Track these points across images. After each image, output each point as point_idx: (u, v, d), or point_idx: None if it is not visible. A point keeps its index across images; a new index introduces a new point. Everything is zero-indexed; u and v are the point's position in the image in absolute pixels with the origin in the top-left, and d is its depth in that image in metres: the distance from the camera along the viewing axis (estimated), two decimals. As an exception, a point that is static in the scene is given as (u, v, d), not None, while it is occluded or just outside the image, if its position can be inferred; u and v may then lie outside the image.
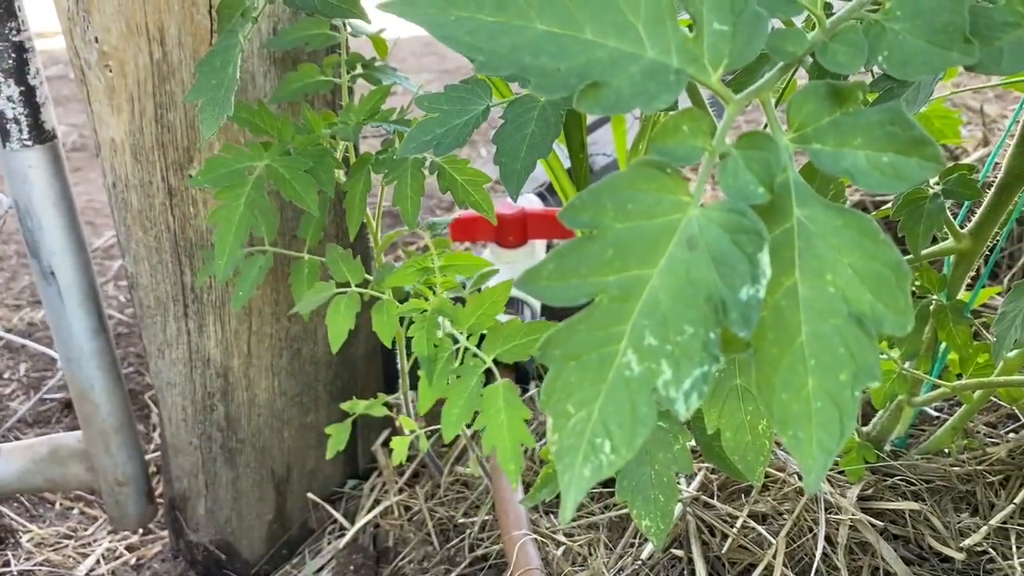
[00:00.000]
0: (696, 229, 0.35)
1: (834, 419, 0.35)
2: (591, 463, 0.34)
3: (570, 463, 0.34)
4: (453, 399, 0.65)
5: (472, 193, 0.71)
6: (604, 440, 0.34)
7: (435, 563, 0.90)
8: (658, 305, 0.34)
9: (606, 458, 0.34)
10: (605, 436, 0.34)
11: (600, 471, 0.34)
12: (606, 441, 0.34)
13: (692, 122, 0.37)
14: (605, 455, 0.34)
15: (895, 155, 0.36)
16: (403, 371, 0.92)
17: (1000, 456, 0.82)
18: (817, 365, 0.36)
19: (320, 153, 0.72)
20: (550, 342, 0.35)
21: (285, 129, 0.73)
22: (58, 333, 0.97)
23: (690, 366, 0.34)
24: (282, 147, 0.72)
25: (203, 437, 0.98)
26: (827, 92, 0.38)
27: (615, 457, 0.34)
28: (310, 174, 0.70)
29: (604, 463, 0.34)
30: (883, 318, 0.35)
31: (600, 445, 0.34)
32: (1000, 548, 0.74)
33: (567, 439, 0.35)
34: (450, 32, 0.38)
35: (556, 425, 0.35)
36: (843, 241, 0.36)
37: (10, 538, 1.17)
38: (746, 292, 0.34)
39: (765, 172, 0.36)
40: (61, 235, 0.92)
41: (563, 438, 0.35)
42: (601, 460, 0.34)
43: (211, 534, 1.06)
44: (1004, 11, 0.42)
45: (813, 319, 0.36)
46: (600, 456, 0.34)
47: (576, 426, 0.35)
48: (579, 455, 0.34)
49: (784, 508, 0.79)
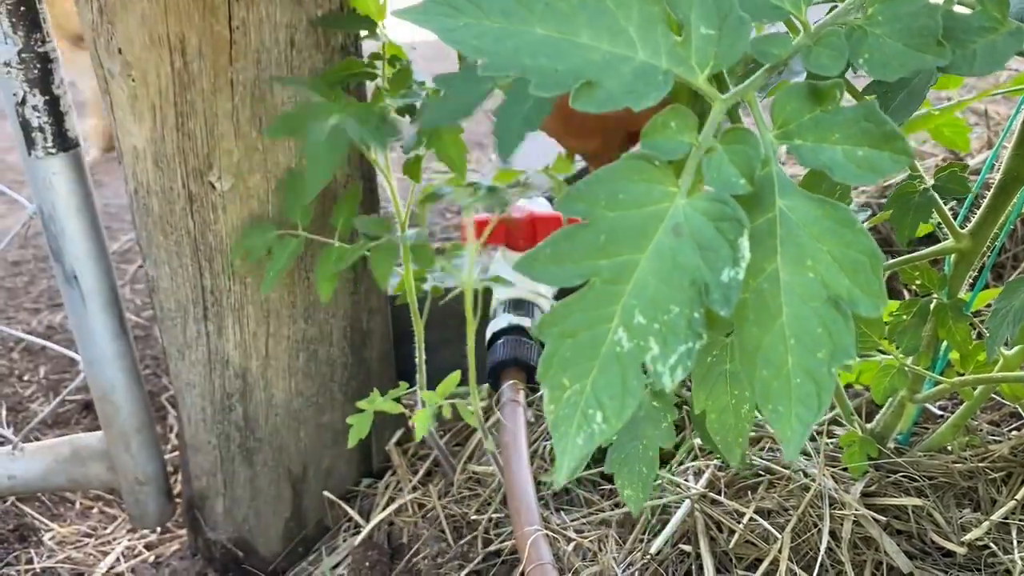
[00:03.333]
0: (682, 217, 0.37)
1: (812, 394, 0.37)
2: (584, 431, 0.37)
3: (565, 431, 0.37)
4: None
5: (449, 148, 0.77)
6: (596, 411, 0.37)
7: (449, 559, 0.92)
8: (647, 287, 0.37)
9: (598, 427, 0.37)
10: (597, 407, 0.37)
11: (592, 439, 0.36)
12: (598, 412, 0.37)
13: (679, 119, 0.39)
14: (597, 424, 0.37)
15: (869, 149, 0.38)
16: (420, 362, 0.94)
17: (1002, 453, 0.84)
18: (797, 344, 0.38)
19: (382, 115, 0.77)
20: (547, 321, 0.37)
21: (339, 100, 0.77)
22: (80, 336, 1.01)
23: (676, 343, 0.36)
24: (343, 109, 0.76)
25: (221, 437, 1.01)
26: (808, 91, 0.41)
27: (606, 426, 0.36)
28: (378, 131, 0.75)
29: (596, 432, 0.37)
30: (858, 301, 0.37)
31: (592, 415, 0.37)
32: (1001, 542, 0.76)
33: (562, 410, 0.37)
34: (458, 37, 0.41)
35: (552, 397, 0.37)
36: (822, 229, 0.38)
37: (32, 536, 1.20)
38: (727, 274, 0.36)
39: (747, 165, 0.38)
40: (84, 240, 0.95)
41: (558, 409, 0.37)
42: (593, 429, 0.37)
43: (229, 532, 1.08)
44: (980, 16, 0.44)
45: (793, 302, 0.38)
46: (593, 425, 0.37)
47: (571, 398, 0.37)
48: (573, 424, 0.37)
49: (789, 504, 0.81)
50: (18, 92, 0.85)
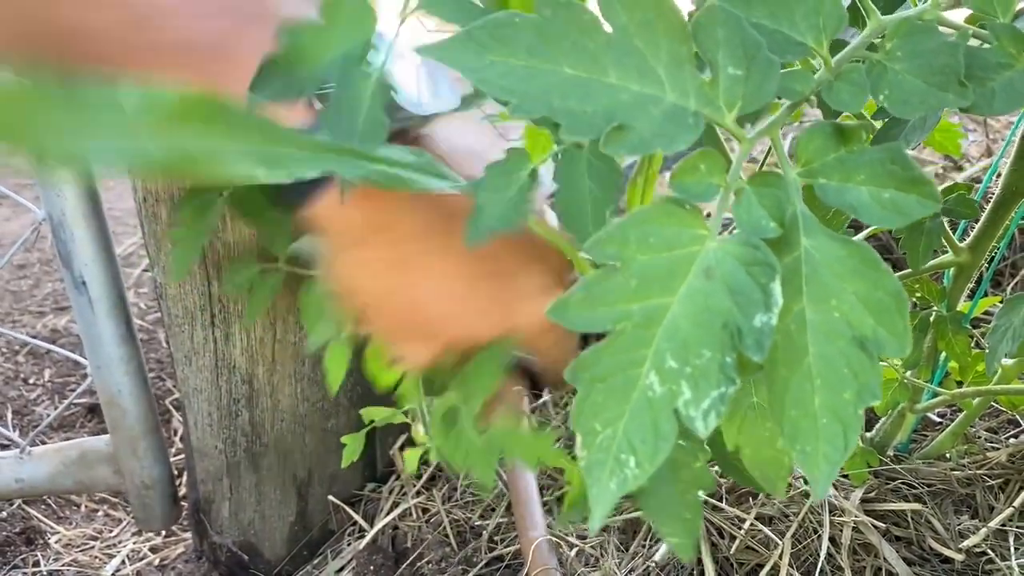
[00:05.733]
0: (713, 261, 0.38)
1: (839, 434, 0.38)
2: (617, 477, 0.37)
3: (598, 477, 0.38)
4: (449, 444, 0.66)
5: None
6: (629, 456, 0.37)
7: (453, 564, 0.93)
8: (678, 331, 0.38)
9: (631, 472, 0.37)
10: (630, 452, 0.37)
11: (626, 484, 0.37)
12: (631, 457, 0.37)
13: (708, 161, 0.40)
14: (630, 469, 0.37)
15: (895, 191, 0.39)
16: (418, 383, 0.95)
17: (1000, 460, 0.85)
18: (823, 384, 0.39)
19: None
20: (579, 365, 0.38)
21: None
22: (88, 340, 1.01)
23: (708, 387, 0.37)
24: None
25: (228, 442, 1.02)
26: (832, 131, 0.42)
27: (639, 471, 0.37)
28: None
29: (629, 477, 0.37)
30: (884, 342, 0.38)
31: (625, 460, 0.37)
32: (999, 549, 0.78)
33: (595, 455, 0.38)
34: (485, 76, 0.41)
35: (585, 442, 0.38)
36: (846, 269, 0.39)
37: (39, 539, 1.20)
38: (760, 319, 0.37)
39: (776, 207, 0.39)
40: (92, 247, 0.95)
41: (591, 454, 0.38)
42: (626, 474, 0.37)
43: (234, 536, 1.09)
44: (996, 53, 0.45)
45: (819, 341, 0.39)
46: (625, 471, 0.37)
47: (603, 443, 0.38)
48: (606, 470, 0.37)
49: (790, 511, 0.82)
50: (26, 103, 0.84)
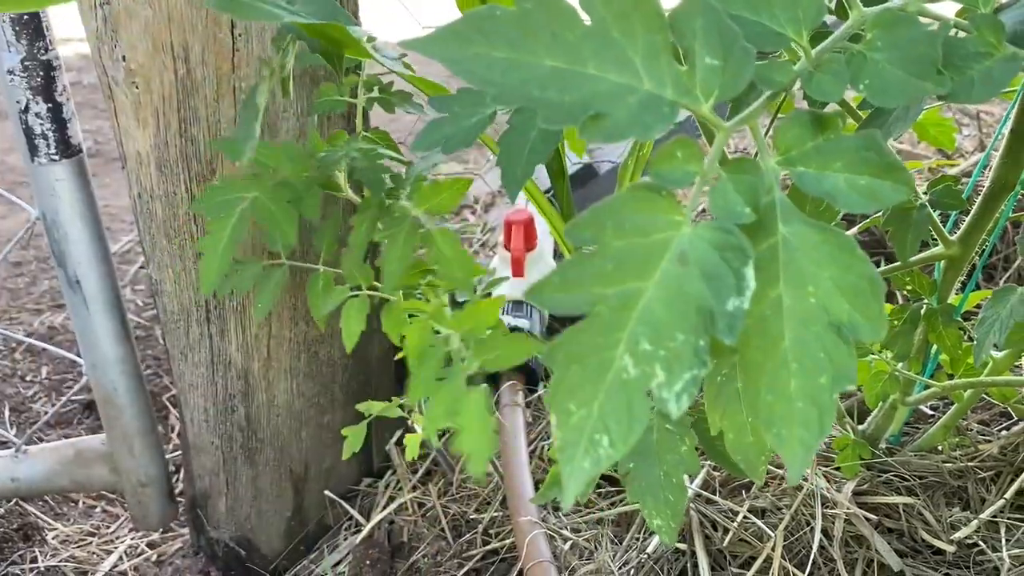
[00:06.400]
0: (687, 246, 0.38)
1: (814, 418, 0.39)
2: (591, 456, 0.38)
3: (571, 456, 0.38)
4: (437, 401, 0.67)
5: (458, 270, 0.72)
6: (603, 436, 0.38)
7: (448, 557, 0.93)
8: (653, 314, 0.38)
9: (604, 452, 0.38)
10: (604, 432, 0.38)
11: (599, 464, 0.38)
12: (604, 436, 0.38)
13: (685, 149, 0.40)
14: (604, 449, 0.38)
15: (871, 178, 0.39)
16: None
17: (992, 453, 0.86)
18: (799, 369, 0.39)
19: (307, 184, 0.75)
20: (555, 347, 0.38)
21: (281, 159, 0.75)
22: (83, 339, 1.01)
23: (681, 370, 0.37)
24: (275, 176, 0.75)
25: (224, 437, 1.02)
26: (810, 120, 0.42)
27: (612, 451, 0.38)
28: (295, 203, 0.74)
29: (602, 456, 0.38)
30: (859, 326, 0.39)
31: (599, 440, 0.38)
32: (990, 540, 0.78)
33: (569, 435, 0.38)
34: (467, 67, 0.41)
35: (560, 422, 0.38)
36: (823, 256, 0.40)
37: (36, 535, 1.21)
38: (732, 303, 0.37)
39: (751, 194, 0.39)
40: (86, 246, 0.96)
41: (565, 434, 0.38)
42: (600, 454, 0.38)
43: (231, 531, 1.09)
44: (976, 42, 0.45)
45: (796, 327, 0.39)
46: (599, 450, 0.38)
47: (577, 423, 0.38)
48: (580, 449, 0.38)
49: (783, 503, 0.83)
50: (21, 99, 0.85)
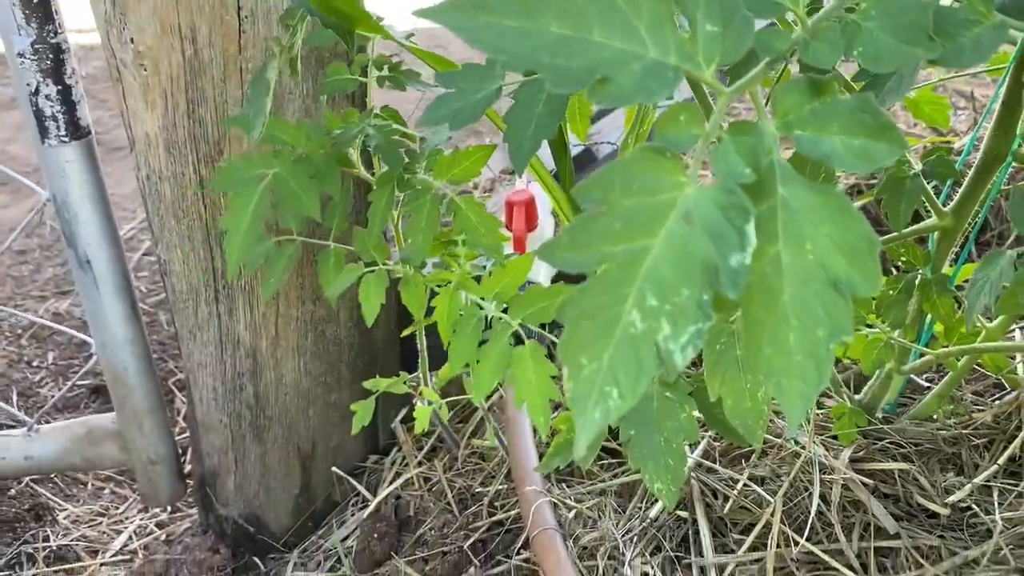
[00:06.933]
0: (692, 205, 0.40)
1: (812, 370, 0.40)
2: (601, 407, 0.40)
3: (583, 407, 0.40)
4: (485, 360, 0.70)
5: (485, 235, 0.75)
6: (612, 387, 0.40)
7: (455, 529, 0.95)
8: (659, 271, 0.40)
9: (614, 403, 0.40)
10: (614, 384, 0.40)
11: (609, 414, 0.40)
12: (614, 388, 0.40)
13: (688, 113, 0.42)
14: (613, 400, 0.40)
15: (866, 139, 0.41)
16: (422, 349, 0.97)
17: (985, 421, 0.88)
18: (798, 324, 0.41)
19: (326, 160, 0.77)
20: (566, 304, 0.40)
21: (298, 136, 0.77)
22: (93, 320, 1.03)
23: (686, 323, 0.39)
24: (293, 153, 0.76)
25: (233, 415, 1.04)
26: (808, 85, 0.44)
27: (622, 402, 0.39)
28: (315, 179, 0.76)
29: (612, 407, 0.40)
30: (856, 282, 0.40)
31: (609, 392, 0.40)
32: (983, 504, 0.80)
33: (581, 387, 0.40)
34: (478, 36, 0.43)
35: (571, 375, 0.40)
36: (821, 215, 0.41)
37: (47, 515, 1.23)
38: (735, 259, 0.39)
39: (752, 155, 0.41)
40: (96, 227, 0.97)
41: (577, 386, 0.40)
42: (610, 405, 0.40)
43: (240, 508, 1.11)
44: (966, 10, 0.47)
45: (794, 284, 0.41)
46: (609, 401, 0.40)
47: (588, 376, 0.40)
48: (591, 400, 0.40)
49: (782, 471, 0.85)
50: (32, 82, 0.86)
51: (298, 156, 0.76)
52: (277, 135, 0.76)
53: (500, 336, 0.71)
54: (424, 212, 0.75)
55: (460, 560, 0.92)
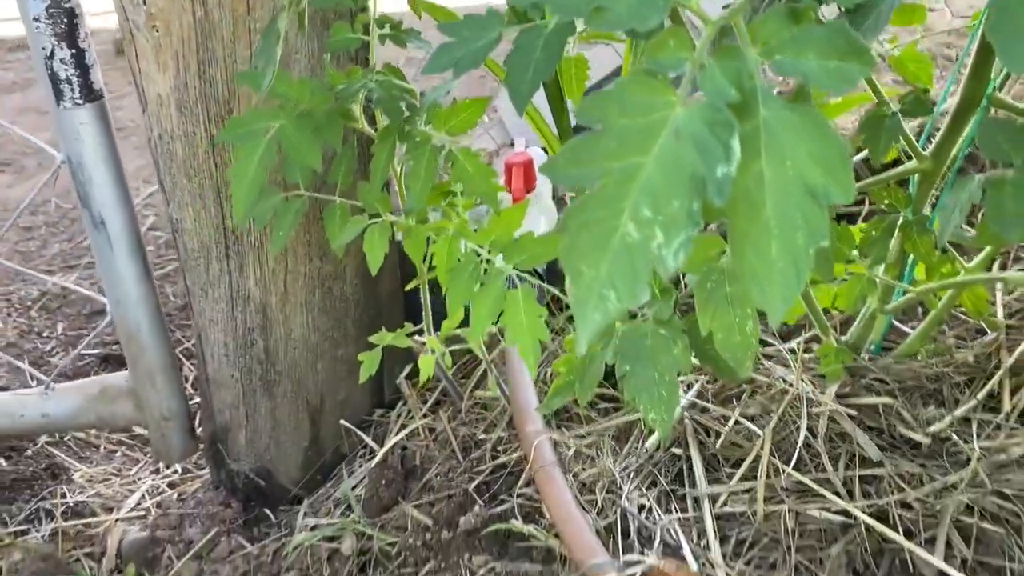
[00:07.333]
0: (682, 123, 0.44)
1: (792, 274, 0.44)
2: (600, 310, 0.44)
3: (583, 310, 0.44)
4: (480, 303, 0.74)
5: (481, 184, 0.79)
6: (610, 292, 0.43)
7: (459, 473, 0.99)
8: (652, 184, 0.43)
9: (612, 305, 0.43)
10: (611, 288, 0.43)
11: (608, 315, 0.43)
12: (612, 292, 0.43)
13: (677, 38, 0.46)
14: (611, 303, 0.43)
15: (839, 61, 0.45)
16: (425, 302, 1.01)
17: (966, 360, 0.92)
18: (779, 233, 0.45)
19: (329, 114, 0.80)
20: (567, 216, 0.44)
21: (302, 92, 0.80)
22: (107, 278, 1.07)
23: (678, 231, 0.43)
24: (297, 108, 0.80)
25: (244, 370, 1.08)
26: (787, 13, 0.47)
27: (619, 304, 0.43)
28: (317, 133, 0.79)
29: (610, 309, 0.43)
30: (831, 191, 0.44)
31: (607, 296, 0.44)
32: (962, 434, 0.84)
33: (581, 292, 0.44)
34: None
35: (573, 281, 0.44)
36: (799, 133, 0.45)
37: (63, 475, 1.27)
38: (721, 170, 0.43)
39: (736, 77, 0.45)
40: (110, 187, 1.00)
41: (579, 292, 0.44)
42: (608, 307, 0.43)
43: (251, 462, 1.15)
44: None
45: (776, 196, 0.45)
46: (607, 304, 0.43)
47: (588, 282, 0.44)
48: (591, 305, 0.44)
49: (772, 408, 0.89)
50: (47, 46, 0.89)
51: (302, 111, 0.79)
52: (282, 91, 0.79)
53: (495, 280, 0.75)
54: (423, 162, 0.78)
55: (465, 501, 0.96)
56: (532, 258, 0.74)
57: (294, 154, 0.77)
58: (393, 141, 0.81)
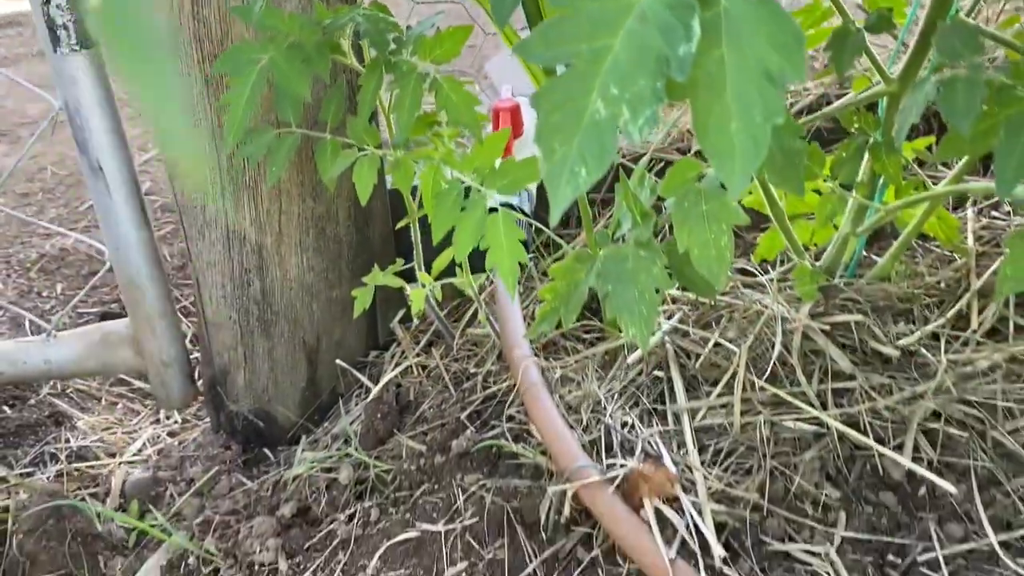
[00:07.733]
0: (646, 6, 0.47)
1: (751, 149, 0.48)
2: (572, 184, 0.47)
3: (556, 184, 0.47)
4: (463, 227, 0.78)
5: (464, 113, 0.82)
6: (581, 167, 0.47)
7: (451, 404, 1.03)
8: (619, 64, 0.47)
9: (583, 179, 0.47)
10: (582, 163, 0.47)
11: (578, 188, 0.47)
12: (582, 167, 0.47)
13: (641, -67, 0.49)
14: (582, 177, 0.47)
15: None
16: (416, 240, 1.05)
17: (937, 283, 0.95)
18: (738, 111, 0.48)
19: (318, 46, 0.83)
20: (539, 96, 0.47)
21: (292, 25, 0.83)
22: (106, 223, 1.10)
23: (643, 108, 0.46)
24: (287, 40, 0.83)
25: (241, 311, 1.11)
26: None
27: (588, 178, 0.47)
28: (307, 63, 0.82)
29: (581, 183, 0.47)
30: (787, 72, 0.48)
31: (578, 171, 0.47)
32: (931, 349, 0.88)
33: (554, 168, 0.47)
34: None
35: (546, 157, 0.47)
36: (758, 19, 0.48)
37: (67, 422, 1.30)
38: (683, 49, 0.46)
39: (696, -34, 0.48)
40: (107, 133, 1.03)
41: (551, 167, 0.47)
42: (579, 182, 0.47)
43: (249, 403, 1.19)
44: None
45: (735, 78, 0.48)
46: (578, 179, 0.47)
47: (560, 158, 0.47)
48: (563, 179, 0.47)
49: (749, 330, 0.92)
50: (43, -12, 0.92)
51: (292, 42, 0.82)
52: (272, 23, 0.82)
53: (477, 205, 0.79)
54: (409, 90, 0.81)
55: (457, 428, 0.99)
56: (514, 182, 0.77)
57: (284, 83, 0.80)
58: (380, 73, 0.84)
